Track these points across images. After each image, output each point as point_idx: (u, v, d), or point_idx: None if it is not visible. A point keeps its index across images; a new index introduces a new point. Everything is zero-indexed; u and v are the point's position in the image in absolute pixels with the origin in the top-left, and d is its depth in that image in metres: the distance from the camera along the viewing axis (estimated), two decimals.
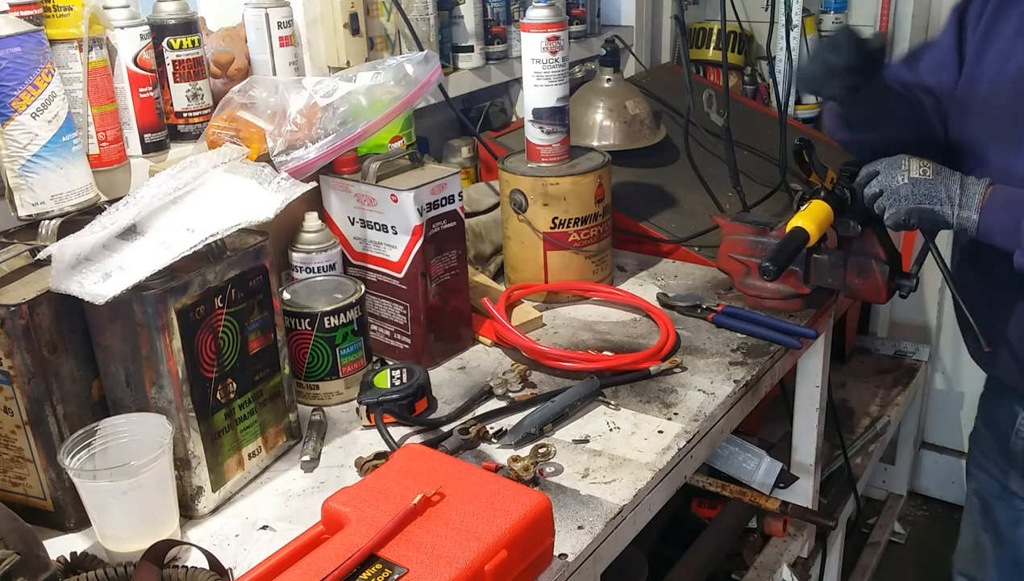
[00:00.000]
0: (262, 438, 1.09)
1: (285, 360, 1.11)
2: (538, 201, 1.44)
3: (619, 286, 1.54)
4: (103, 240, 0.96)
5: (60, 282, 0.93)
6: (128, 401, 0.99)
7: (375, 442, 1.14)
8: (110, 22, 1.18)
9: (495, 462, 1.08)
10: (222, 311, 1.01)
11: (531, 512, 0.86)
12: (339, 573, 0.78)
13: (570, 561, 0.93)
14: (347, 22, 1.46)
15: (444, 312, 1.32)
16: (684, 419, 1.16)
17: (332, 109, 1.25)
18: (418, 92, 1.31)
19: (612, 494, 1.03)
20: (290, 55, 1.41)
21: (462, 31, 1.73)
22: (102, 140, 1.18)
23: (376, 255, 1.31)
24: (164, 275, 0.94)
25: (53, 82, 1.04)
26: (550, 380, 1.27)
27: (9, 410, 0.95)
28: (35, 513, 0.98)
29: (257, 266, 1.05)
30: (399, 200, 1.24)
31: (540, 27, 1.39)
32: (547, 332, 1.41)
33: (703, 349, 1.33)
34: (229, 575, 0.90)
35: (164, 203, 1.02)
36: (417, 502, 0.85)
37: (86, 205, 1.09)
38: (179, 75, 1.29)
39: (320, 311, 1.20)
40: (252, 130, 1.23)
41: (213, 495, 1.03)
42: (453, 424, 1.15)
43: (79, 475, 0.92)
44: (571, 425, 1.16)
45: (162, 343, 0.95)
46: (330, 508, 0.88)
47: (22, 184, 1.04)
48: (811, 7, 2.29)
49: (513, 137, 1.79)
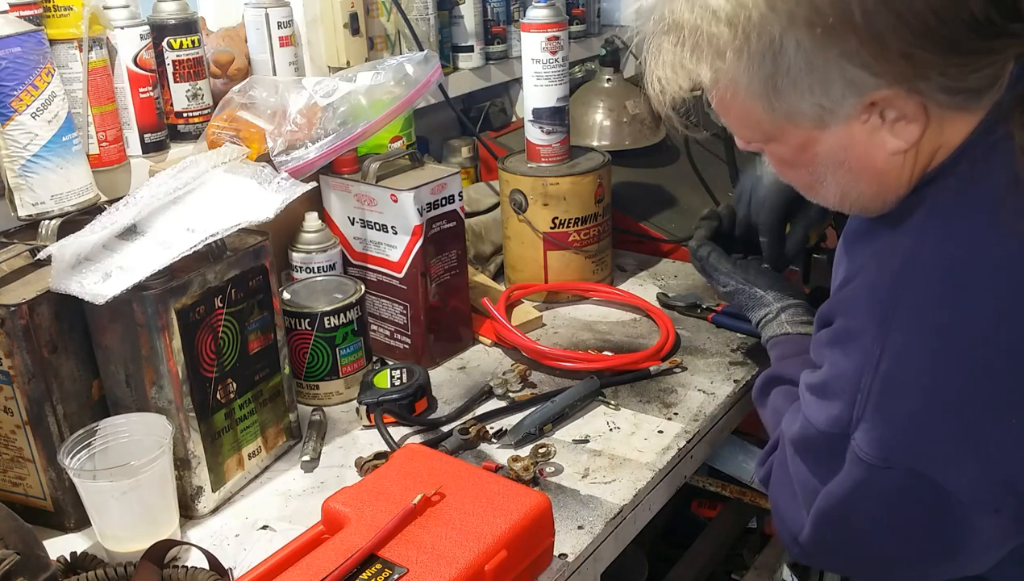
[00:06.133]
0: (262, 438, 1.09)
1: (285, 360, 1.11)
2: (538, 201, 1.44)
3: (619, 286, 1.54)
4: (103, 240, 0.96)
5: (60, 282, 0.93)
6: (128, 401, 0.99)
7: (375, 442, 1.14)
8: (110, 22, 1.18)
9: (495, 462, 1.08)
10: (222, 311, 1.01)
11: (531, 512, 0.86)
12: (339, 573, 0.78)
13: (570, 561, 0.93)
14: (347, 22, 1.46)
15: (444, 312, 1.32)
16: (684, 419, 1.16)
17: (332, 109, 1.25)
18: (418, 92, 1.31)
19: (612, 494, 1.03)
20: (290, 55, 1.41)
21: (462, 31, 1.73)
22: (102, 140, 1.18)
23: (376, 255, 1.31)
24: (164, 275, 0.94)
25: (53, 82, 1.04)
26: (550, 380, 1.27)
27: (9, 410, 0.95)
28: (35, 513, 0.98)
29: (257, 266, 1.05)
30: (399, 200, 1.24)
31: (540, 27, 1.39)
32: (547, 332, 1.41)
33: (703, 349, 1.33)
34: (229, 575, 0.90)
35: (164, 203, 1.02)
36: (417, 502, 0.85)
37: (86, 205, 1.09)
38: (179, 75, 1.29)
39: (320, 311, 1.20)
40: (252, 130, 1.23)
41: (213, 495, 1.03)
42: (453, 424, 1.15)
43: (79, 475, 0.92)
44: (571, 425, 1.16)
45: (162, 343, 0.95)
46: (330, 508, 0.88)
47: (22, 184, 1.04)
48: None
49: (513, 137, 1.79)
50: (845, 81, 0.75)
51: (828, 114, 0.78)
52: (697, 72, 0.79)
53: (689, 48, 0.77)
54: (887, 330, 0.76)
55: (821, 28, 0.72)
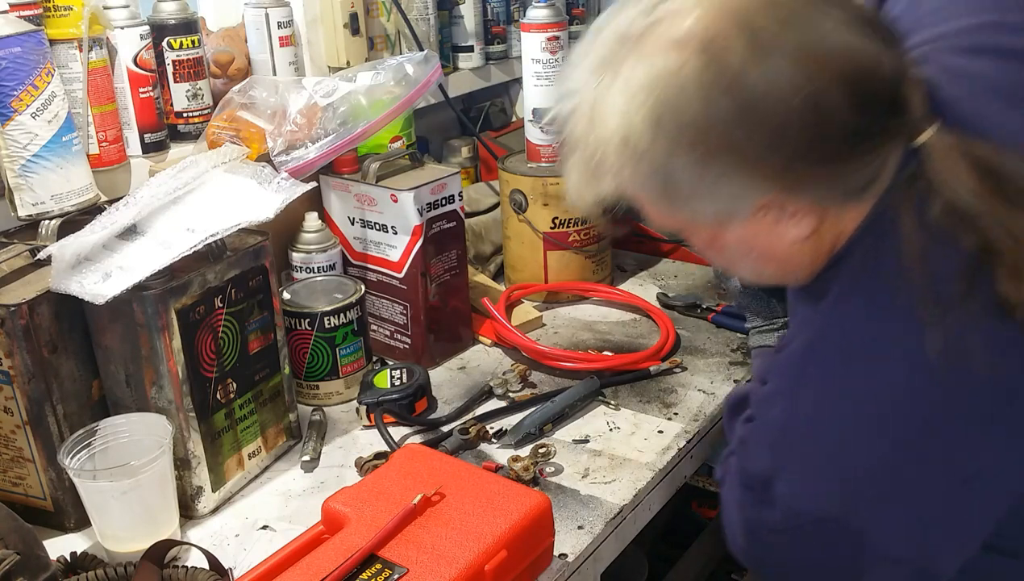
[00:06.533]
0: (262, 438, 1.09)
1: (285, 360, 1.11)
2: (538, 201, 1.44)
3: (619, 286, 1.54)
4: (103, 240, 0.96)
5: (60, 282, 0.93)
6: (128, 401, 0.99)
7: (375, 442, 1.14)
8: (110, 22, 1.18)
9: (495, 462, 1.08)
10: (222, 311, 1.01)
11: (531, 512, 0.86)
12: (339, 573, 0.78)
13: (570, 561, 0.93)
14: (347, 22, 1.46)
15: (444, 312, 1.32)
16: (684, 419, 1.16)
17: (332, 109, 1.25)
18: (418, 92, 1.31)
19: (612, 494, 1.03)
20: (290, 55, 1.41)
21: (462, 31, 1.73)
22: (102, 140, 1.18)
23: (376, 255, 1.31)
24: (164, 275, 0.94)
25: (53, 82, 1.04)
26: (550, 380, 1.27)
27: (9, 410, 0.95)
28: (35, 513, 0.98)
29: (257, 266, 1.05)
30: (399, 200, 1.24)
31: (540, 27, 1.39)
32: (547, 332, 1.41)
33: (703, 349, 1.33)
34: (229, 575, 0.90)
35: (164, 203, 1.02)
36: (417, 502, 0.85)
37: (86, 205, 1.08)
38: (179, 75, 1.29)
39: (320, 311, 1.20)
40: (252, 130, 1.23)
41: (213, 495, 1.03)
42: (453, 424, 1.15)
43: (79, 475, 0.92)
44: (571, 425, 1.16)
45: (162, 343, 0.95)
46: (330, 508, 0.88)
47: (22, 184, 1.04)
48: None
49: (513, 137, 1.79)
50: (733, 193, 0.80)
51: (726, 216, 0.83)
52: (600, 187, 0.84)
53: (591, 167, 0.83)
54: (797, 398, 0.85)
55: (702, 151, 0.77)
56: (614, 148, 0.79)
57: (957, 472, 0.79)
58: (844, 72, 0.75)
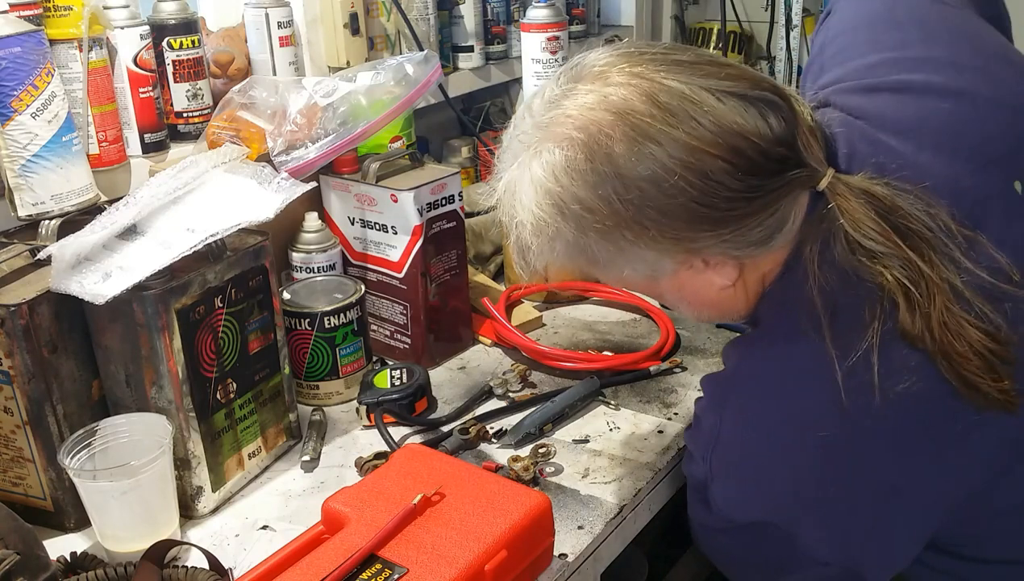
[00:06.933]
0: (262, 438, 1.09)
1: (285, 360, 1.11)
2: None
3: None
4: (103, 240, 0.96)
5: (60, 282, 0.93)
6: (128, 401, 0.99)
7: (375, 442, 1.14)
8: (110, 22, 1.18)
9: (495, 462, 1.08)
10: (222, 311, 1.01)
11: (531, 512, 0.86)
12: (339, 573, 0.78)
13: (570, 561, 0.93)
14: (347, 22, 1.46)
15: (444, 312, 1.32)
16: (684, 419, 1.16)
17: (332, 109, 1.25)
18: (418, 92, 1.31)
19: (612, 494, 1.03)
20: (290, 55, 1.41)
21: (462, 31, 1.73)
22: (102, 140, 1.18)
23: (376, 255, 1.31)
24: (164, 275, 0.94)
25: (53, 82, 1.04)
26: (550, 380, 1.27)
27: (9, 410, 0.95)
28: (35, 513, 0.98)
29: (257, 266, 1.05)
30: (399, 200, 1.24)
31: (540, 27, 1.40)
32: (547, 332, 1.41)
33: (703, 349, 1.33)
34: (229, 575, 0.90)
35: (164, 203, 1.02)
36: (417, 502, 0.85)
37: (86, 205, 1.08)
38: (179, 75, 1.29)
39: (320, 311, 1.20)
40: (252, 130, 1.23)
41: (213, 495, 1.03)
42: (453, 424, 1.15)
43: (79, 475, 0.92)
44: (571, 425, 1.16)
45: (162, 343, 0.95)
46: (330, 508, 0.88)
47: (22, 184, 1.04)
48: (811, 7, 2.29)
49: None
50: (647, 258, 0.86)
51: (651, 275, 0.89)
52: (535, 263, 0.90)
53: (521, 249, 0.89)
54: (722, 419, 0.92)
55: (605, 229, 0.83)
56: (530, 233, 0.86)
57: (873, 488, 0.85)
58: (723, 145, 0.79)
